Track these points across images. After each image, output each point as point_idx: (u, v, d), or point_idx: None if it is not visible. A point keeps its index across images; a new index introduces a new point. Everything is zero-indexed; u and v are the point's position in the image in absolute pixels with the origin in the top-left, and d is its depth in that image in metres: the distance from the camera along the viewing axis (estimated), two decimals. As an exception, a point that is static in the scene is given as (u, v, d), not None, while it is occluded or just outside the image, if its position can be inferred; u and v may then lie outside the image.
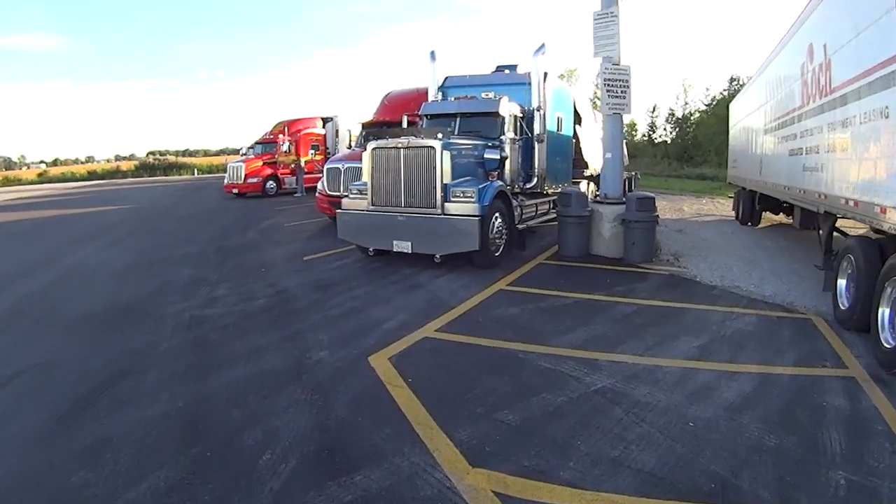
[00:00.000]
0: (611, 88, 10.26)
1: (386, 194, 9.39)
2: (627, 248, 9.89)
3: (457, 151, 9.27)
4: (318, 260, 10.57)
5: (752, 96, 15.17)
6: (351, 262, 10.15)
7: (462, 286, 8.26)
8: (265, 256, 11.14)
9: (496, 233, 9.30)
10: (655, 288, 8.26)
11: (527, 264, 9.73)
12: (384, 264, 9.82)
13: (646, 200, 9.79)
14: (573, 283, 8.47)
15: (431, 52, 12.53)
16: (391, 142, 9.29)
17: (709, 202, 23.24)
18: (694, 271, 9.28)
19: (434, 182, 8.91)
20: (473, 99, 10.98)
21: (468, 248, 8.75)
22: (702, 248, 11.41)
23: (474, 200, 8.77)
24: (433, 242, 8.98)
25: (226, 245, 12.63)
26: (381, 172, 9.42)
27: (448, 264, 9.24)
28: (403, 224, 9.17)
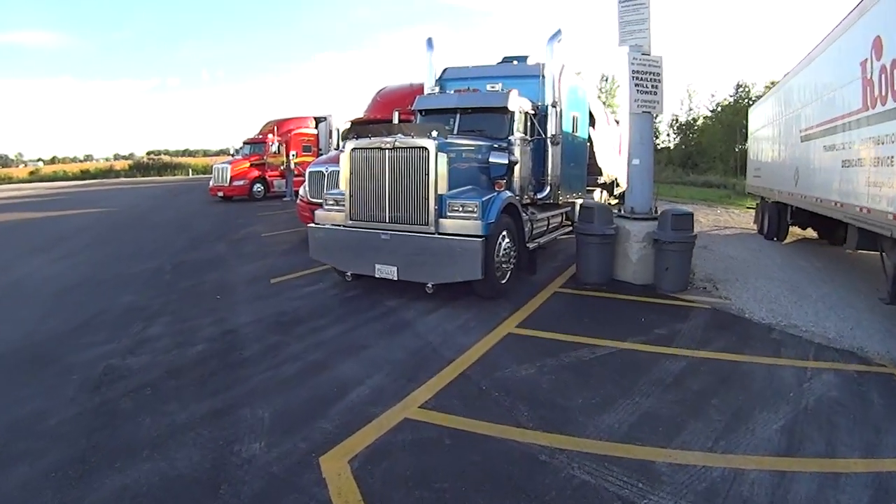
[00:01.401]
0: (639, 82, 8.43)
1: (367, 206, 7.56)
2: (659, 274, 8.07)
3: (456, 154, 7.44)
4: (287, 283, 8.73)
5: (783, 100, 13.46)
6: (325, 288, 8.33)
7: (460, 327, 6.43)
8: (227, 277, 9.29)
9: (503, 256, 7.47)
10: (702, 330, 6.43)
11: (540, 294, 7.89)
12: (364, 292, 7.98)
13: (683, 217, 7.97)
14: (600, 321, 6.66)
15: (428, 39, 10.67)
16: (375, 141, 7.44)
17: (723, 212, 21.77)
18: (738, 303, 7.55)
19: (426, 192, 7.08)
20: (477, 92, 9.13)
21: (468, 276, 6.92)
22: (736, 271, 9.73)
23: (477, 216, 6.93)
24: (424, 268, 7.14)
25: (188, 260, 10.80)
26: (361, 179, 7.57)
27: (442, 294, 7.40)
28: (388, 244, 7.32)
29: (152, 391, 4.80)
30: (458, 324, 6.54)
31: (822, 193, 9.70)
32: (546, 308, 7.28)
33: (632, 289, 8.16)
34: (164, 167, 56.11)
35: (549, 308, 7.29)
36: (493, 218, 7.01)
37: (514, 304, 7.28)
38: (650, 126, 8.82)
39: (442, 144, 7.11)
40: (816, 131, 10.08)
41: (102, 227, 16.24)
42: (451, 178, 7.22)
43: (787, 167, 12.63)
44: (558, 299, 7.71)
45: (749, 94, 47.68)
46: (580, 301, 7.67)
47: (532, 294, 7.83)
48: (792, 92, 12.34)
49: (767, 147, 15.32)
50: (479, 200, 6.99)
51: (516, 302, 7.40)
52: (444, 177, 7.07)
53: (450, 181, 7.18)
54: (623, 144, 19.96)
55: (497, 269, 7.32)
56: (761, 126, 16.43)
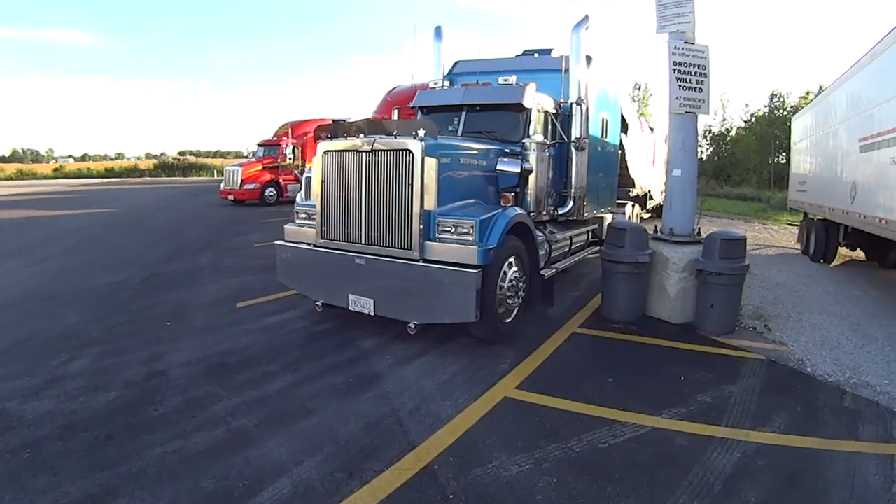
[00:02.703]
0: (682, 76, 6.76)
1: (340, 223, 6.06)
2: (702, 312, 6.40)
3: (451, 158, 5.87)
4: (253, 309, 7.26)
5: (836, 106, 11.63)
6: (293, 319, 6.84)
7: (443, 385, 4.87)
8: (192, 297, 7.87)
9: (509, 289, 5.87)
10: (758, 395, 4.78)
11: (554, 336, 6.24)
12: (337, 327, 6.47)
13: (734, 243, 6.29)
14: (627, 381, 5.01)
15: (437, 28, 9.20)
16: (350, 142, 5.94)
17: (762, 228, 20.06)
18: (796, 350, 5.99)
19: (409, 207, 5.54)
20: (488, 85, 7.58)
21: (459, 318, 5.36)
22: (787, 303, 8.10)
23: (473, 240, 5.36)
24: (406, 304, 5.62)
25: (161, 273, 9.46)
26: (333, 189, 6.08)
27: (430, 334, 5.86)
28: (363, 271, 5.82)
29: (31, 455, 3.66)
30: (442, 380, 4.97)
31: (889, 214, 8.00)
32: (559, 357, 5.64)
33: (668, 330, 6.50)
34: (189, 167, 55.47)
35: (563, 357, 5.65)
36: (495, 242, 5.42)
37: (520, 351, 5.68)
38: (694, 129, 7.12)
39: (431, 146, 5.54)
40: (887, 139, 8.31)
41: (94, 230, 15.15)
42: (445, 190, 5.68)
43: (840, 181, 10.95)
44: (576, 344, 6.06)
45: (784, 104, 45.78)
46: (603, 347, 6.03)
47: (544, 335, 6.21)
48: (849, 95, 10.53)
49: (815, 158, 13.58)
50: (477, 219, 5.39)
51: (523, 347, 5.80)
52: (433, 187, 5.51)
53: (442, 193, 5.63)
54: (658, 153, 18.29)
55: (500, 306, 5.73)
56: (807, 136, 14.62)
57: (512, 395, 4.67)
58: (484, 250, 5.28)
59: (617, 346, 6.04)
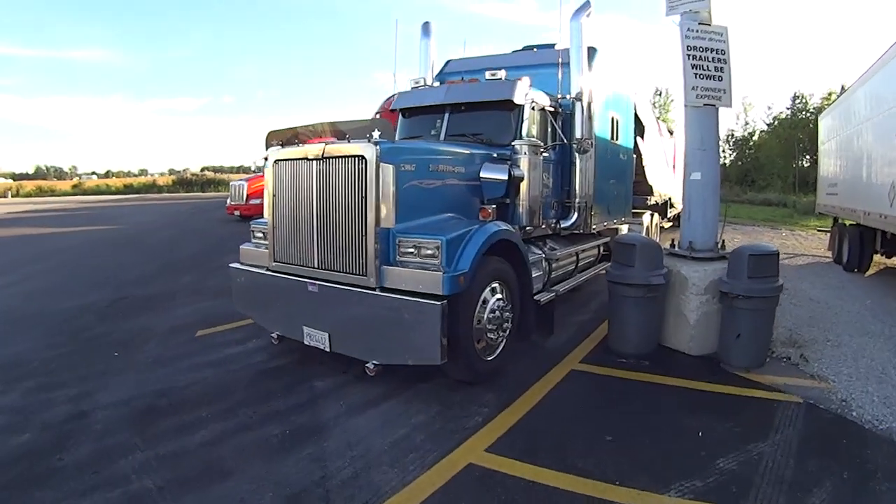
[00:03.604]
0: (697, 63, 5.67)
1: (292, 243, 5.10)
2: (727, 342, 5.26)
3: (416, 165, 4.84)
4: (213, 338, 6.40)
5: (869, 99, 10.39)
6: (250, 352, 5.90)
7: (395, 444, 3.85)
8: (154, 323, 7.03)
9: (490, 320, 4.82)
10: (793, 456, 3.66)
11: (546, 376, 5.14)
12: (294, 363, 5.50)
13: (764, 259, 5.16)
14: (628, 440, 3.91)
15: (424, 24, 8.26)
16: (301, 150, 4.99)
17: (789, 235, 18.59)
18: (837, 385, 4.87)
19: (364, 224, 4.54)
20: (475, 82, 6.58)
21: (422, 359, 4.34)
22: (823, 322, 6.99)
23: (437, 264, 4.35)
24: (363, 340, 4.62)
25: (133, 295, 8.64)
26: (285, 204, 5.15)
27: (398, 374, 4.82)
28: (317, 300, 4.84)
29: None
30: (398, 436, 3.95)
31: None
32: (549, 405, 4.54)
33: (686, 364, 5.39)
34: (207, 182, 55.27)
35: (555, 405, 4.55)
36: (467, 265, 4.37)
37: (503, 396, 4.62)
38: (715, 125, 5.97)
39: (389, 151, 4.54)
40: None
41: (85, 248, 14.56)
42: (410, 203, 4.68)
43: (877, 183, 9.76)
44: (573, 386, 4.95)
45: (807, 105, 44.15)
46: (606, 389, 4.91)
47: (536, 374, 5.12)
48: (887, 87, 9.31)
49: (846, 159, 12.31)
50: (443, 238, 4.35)
51: (508, 390, 4.74)
52: (391, 200, 4.50)
53: (405, 206, 4.63)
54: (679, 158, 16.96)
55: (479, 341, 4.69)
56: (835, 136, 13.38)
57: (479, 460, 3.61)
58: (451, 277, 4.23)
59: (623, 388, 4.91)
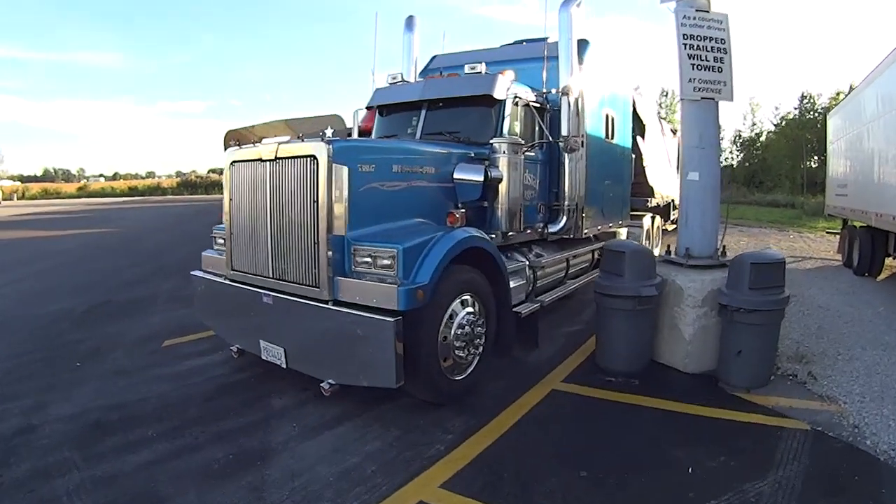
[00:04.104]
0: (695, 53, 5.12)
1: (248, 251, 4.63)
2: (727, 359, 4.70)
3: (376, 166, 4.34)
4: (179, 348, 6.01)
5: (882, 99, 9.72)
6: (213, 363, 5.49)
7: (343, 475, 3.39)
8: (127, 330, 6.74)
9: (459, 336, 4.30)
10: (797, 498, 3.13)
11: (523, 397, 4.59)
12: (255, 377, 5.04)
13: (768, 268, 4.60)
14: (606, 477, 3.38)
15: (408, 17, 7.77)
16: (257, 150, 4.51)
17: (796, 237, 17.91)
18: (849, 407, 4.32)
19: (315, 230, 4.06)
20: (454, 77, 6.06)
21: (376, 381, 3.86)
22: (833, 333, 6.41)
23: (394, 275, 3.87)
24: (318, 358, 4.16)
25: (113, 301, 8.34)
26: (241, 208, 4.68)
27: (362, 393, 4.28)
28: (272, 312, 4.37)
29: None
30: (347, 465, 3.49)
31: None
32: (522, 431, 4.01)
33: (680, 384, 4.85)
34: (212, 184, 55.10)
35: (528, 431, 4.02)
36: (428, 277, 3.87)
37: (473, 420, 4.13)
38: (715, 120, 5.42)
39: (343, 150, 4.06)
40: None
41: (79, 252, 14.26)
42: (369, 207, 4.22)
43: (889, 183, 9.21)
44: (551, 409, 4.40)
45: (815, 105, 43.28)
46: (588, 413, 4.37)
47: (512, 395, 4.60)
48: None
49: (856, 159, 11.65)
50: (399, 247, 3.86)
51: (479, 413, 4.24)
52: (345, 204, 4.01)
53: (363, 211, 4.15)
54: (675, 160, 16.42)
55: (445, 359, 4.19)
56: (846, 134, 12.70)
57: (431, 498, 3.13)
58: (408, 290, 3.74)
59: (607, 412, 4.36)
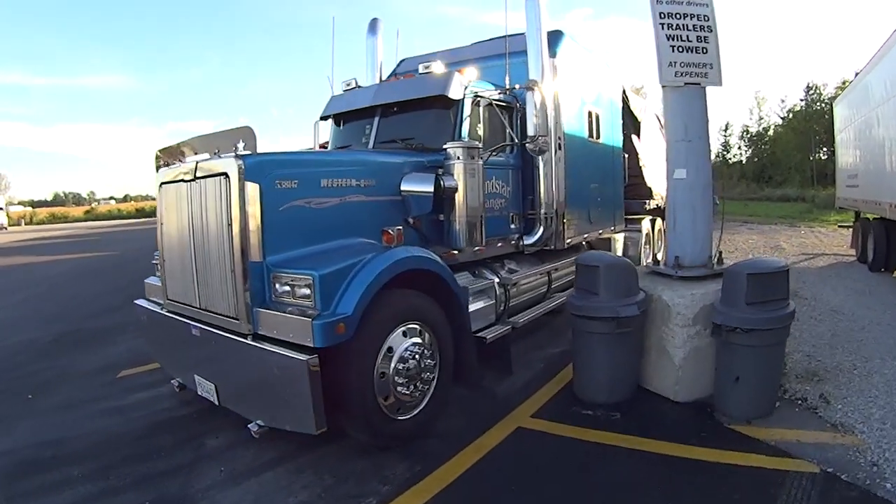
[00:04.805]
0: (674, 33, 4.40)
1: (178, 278, 4.11)
2: (723, 386, 3.97)
3: (300, 181, 3.72)
4: (133, 379, 5.63)
5: (890, 80, 8.95)
6: (161, 396, 5.03)
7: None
8: (87, 360, 6.37)
9: (401, 372, 3.64)
10: None
11: (483, 437, 3.88)
12: (197, 413, 4.54)
13: (769, 279, 3.87)
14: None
15: (372, 20, 7.15)
16: (177, 169, 4.01)
17: (808, 232, 17.18)
18: (867, 439, 3.58)
19: (231, 255, 3.47)
20: (409, 78, 5.44)
21: (297, 425, 3.29)
22: (847, 342, 5.64)
23: (311, 305, 3.27)
24: (246, 396, 3.64)
25: (84, 328, 7.93)
26: (170, 232, 4.17)
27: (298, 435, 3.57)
28: (201, 345, 3.83)
29: None
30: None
31: None
32: (472, 483, 3.32)
33: (669, 416, 4.11)
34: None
35: (479, 483, 3.33)
36: (351, 308, 3.24)
37: (416, 467, 3.51)
38: (701, 109, 4.68)
39: (256, 166, 3.47)
40: None
41: (66, 278, 13.84)
42: (296, 228, 3.65)
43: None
44: (512, 454, 3.69)
45: (821, 96, 42.18)
46: (556, 456, 3.63)
47: (471, 433, 3.92)
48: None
49: (866, 146, 10.86)
50: (315, 274, 3.26)
51: (425, 458, 3.60)
52: (261, 226, 3.45)
53: (286, 234, 3.59)
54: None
55: (386, 397, 3.56)
56: (854, 121, 11.89)
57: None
58: (325, 324, 3.13)
59: (579, 454, 3.64)
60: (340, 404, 3.35)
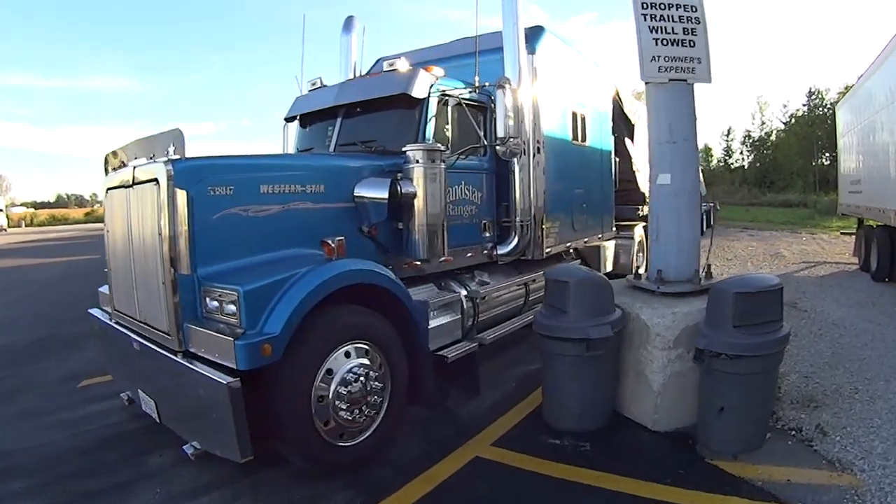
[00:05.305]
0: (658, 25, 3.98)
1: (122, 288, 3.85)
2: (707, 416, 3.51)
3: (236, 187, 3.37)
4: (93, 389, 5.33)
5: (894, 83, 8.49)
6: (115, 409, 4.63)
7: None
8: (54, 368, 6.13)
9: (343, 396, 3.24)
10: None
11: (433, 469, 3.45)
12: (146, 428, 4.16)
13: (759, 299, 3.41)
14: None
15: (347, 18, 6.76)
16: (118, 175, 3.75)
17: (809, 239, 16.67)
18: (867, 479, 3.14)
19: (162, 267, 3.15)
20: (374, 76, 5.13)
21: (224, 452, 2.93)
22: (849, 360, 5.23)
23: (237, 324, 2.93)
24: (182, 416, 3.36)
25: (59, 334, 7.70)
26: (114, 240, 3.91)
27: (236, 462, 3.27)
28: (140, 359, 3.53)
29: None
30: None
31: None
32: None
33: (645, 448, 3.68)
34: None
35: None
36: (278, 327, 2.91)
37: (356, 499, 3.19)
38: (689, 107, 4.25)
39: (186, 171, 3.18)
40: None
41: (56, 280, 13.52)
42: (232, 238, 3.34)
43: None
44: (464, 488, 3.27)
45: (823, 100, 41.65)
46: (512, 494, 3.21)
47: (423, 462, 3.52)
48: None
49: (869, 151, 10.44)
50: (240, 289, 2.91)
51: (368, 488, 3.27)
52: (190, 235, 3.14)
53: (220, 244, 3.28)
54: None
55: (327, 423, 3.19)
56: (857, 125, 11.46)
57: None
58: (249, 345, 2.82)
59: (537, 492, 3.21)
60: (274, 429, 3.01)
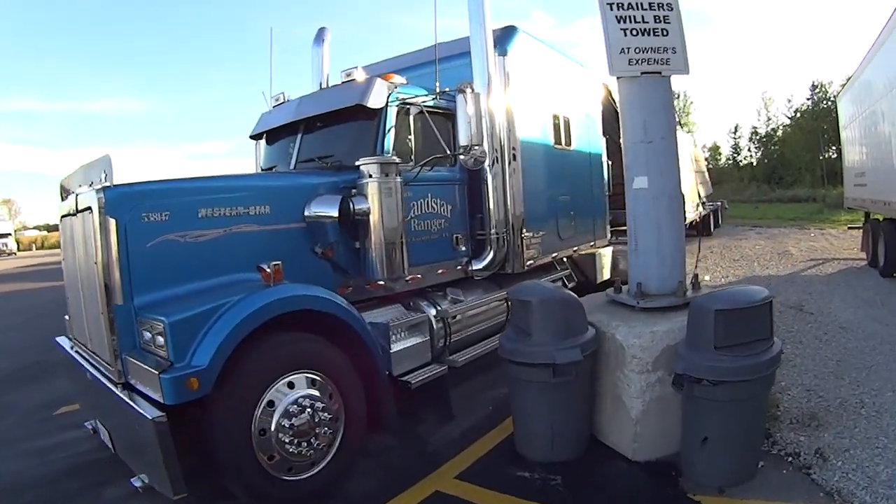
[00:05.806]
0: (626, 14, 3.65)
1: (76, 316, 3.82)
2: (690, 446, 3.15)
3: (172, 212, 3.20)
4: (69, 416, 5.12)
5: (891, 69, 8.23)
6: (85, 438, 4.40)
7: None
8: (34, 395, 6.07)
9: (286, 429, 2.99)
10: None
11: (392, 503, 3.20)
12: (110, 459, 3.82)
13: (744, 316, 3.04)
14: None
15: (319, 30, 6.48)
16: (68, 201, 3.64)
17: (817, 235, 16.33)
18: None
19: (99, 297, 3.08)
20: (331, 88, 4.91)
21: (158, 486, 2.80)
22: (855, 368, 4.87)
23: (164, 356, 2.82)
24: (125, 447, 3.25)
25: (44, 360, 7.24)
26: (67, 268, 3.88)
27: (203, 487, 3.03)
28: (92, 389, 3.41)
29: None
30: None
31: None
32: None
33: (622, 482, 3.33)
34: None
35: None
36: (206, 360, 2.75)
37: None
38: (664, 102, 3.92)
39: (118, 198, 3.05)
40: None
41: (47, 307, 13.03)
42: (172, 266, 3.19)
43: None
44: None
45: (827, 93, 41.02)
46: None
47: (382, 496, 3.26)
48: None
49: (872, 142, 10.10)
50: (165, 320, 2.80)
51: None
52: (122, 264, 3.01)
53: (157, 272, 3.14)
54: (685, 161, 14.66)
55: (271, 457, 2.95)
56: (858, 115, 11.10)
57: None
58: (174, 378, 2.70)
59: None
60: (213, 464, 2.89)
